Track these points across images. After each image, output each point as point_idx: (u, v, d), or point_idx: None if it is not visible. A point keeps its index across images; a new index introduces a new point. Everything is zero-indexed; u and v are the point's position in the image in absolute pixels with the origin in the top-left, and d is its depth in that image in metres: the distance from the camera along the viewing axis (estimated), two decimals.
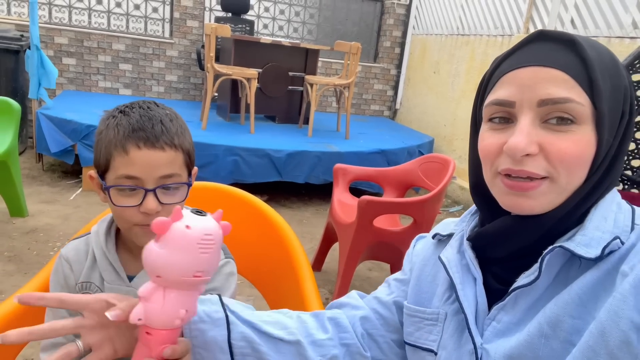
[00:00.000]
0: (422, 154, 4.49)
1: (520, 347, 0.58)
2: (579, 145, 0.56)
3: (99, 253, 0.87)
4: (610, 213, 0.59)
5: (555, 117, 0.56)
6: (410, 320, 0.75)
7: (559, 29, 3.68)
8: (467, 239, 0.69)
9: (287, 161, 3.69)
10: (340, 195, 2.65)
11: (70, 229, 2.94)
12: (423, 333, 0.72)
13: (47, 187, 3.60)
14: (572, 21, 3.60)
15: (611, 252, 0.55)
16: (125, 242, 0.89)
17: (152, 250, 0.57)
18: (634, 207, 0.61)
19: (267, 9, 5.68)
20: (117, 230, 0.91)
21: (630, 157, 2.04)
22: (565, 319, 0.55)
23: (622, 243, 0.56)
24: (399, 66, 6.07)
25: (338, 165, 2.72)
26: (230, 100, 4.47)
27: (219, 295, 0.73)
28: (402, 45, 6.00)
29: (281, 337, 0.73)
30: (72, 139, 3.55)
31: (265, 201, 1.40)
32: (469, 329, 0.63)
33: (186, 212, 0.59)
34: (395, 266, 2.77)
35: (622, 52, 3.16)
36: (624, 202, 0.62)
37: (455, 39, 4.96)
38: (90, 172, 0.84)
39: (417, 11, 5.78)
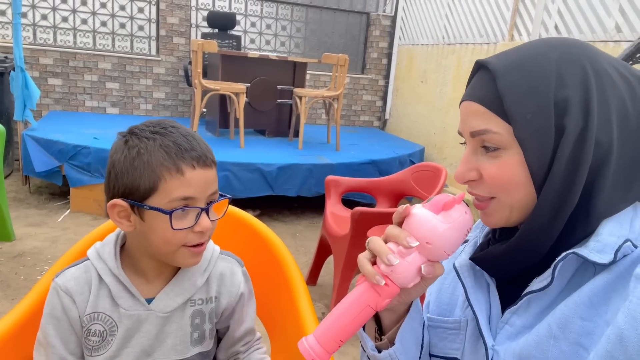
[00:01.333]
0: (413, 163, 4.48)
1: (529, 347, 0.58)
2: (505, 169, 0.60)
3: (110, 279, 0.82)
4: (627, 218, 0.58)
5: (484, 145, 0.62)
6: (434, 332, 0.75)
7: (543, 35, 3.72)
8: (470, 259, 0.70)
9: (279, 175, 3.67)
10: (333, 208, 2.62)
11: (58, 251, 2.88)
12: (447, 343, 0.72)
13: (34, 209, 3.54)
14: (556, 27, 3.64)
15: (624, 255, 0.55)
16: (136, 265, 0.84)
17: (432, 219, 0.60)
18: None
19: (253, 24, 5.69)
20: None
21: None
22: (575, 320, 0.55)
23: (635, 247, 0.55)
24: (386, 76, 6.10)
25: (330, 177, 2.70)
26: (219, 115, 4.45)
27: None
28: (389, 56, 6.04)
29: None
30: (59, 160, 3.50)
31: (258, 216, 1.37)
32: (480, 331, 0.64)
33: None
34: None
35: None
36: None
37: (441, 48, 5.00)
38: (113, 202, 0.77)
39: (403, 22, 5.83)
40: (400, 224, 0.63)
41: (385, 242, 0.62)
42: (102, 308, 0.82)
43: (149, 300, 0.84)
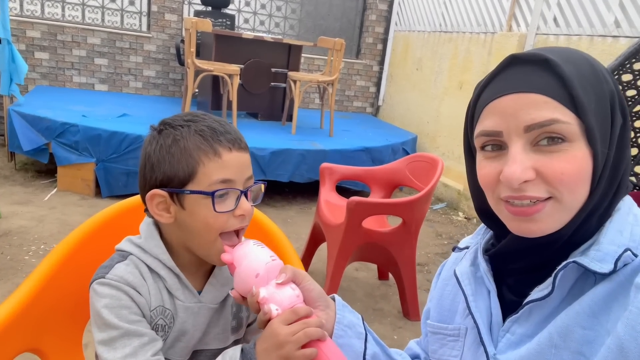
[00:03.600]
0: (406, 152, 4.48)
1: (531, 356, 0.58)
2: (574, 163, 0.56)
3: (165, 272, 0.80)
4: (627, 226, 0.59)
5: (545, 137, 0.56)
6: (434, 337, 0.76)
7: (542, 27, 3.70)
8: (485, 254, 0.69)
9: (271, 159, 3.63)
10: (327, 195, 2.60)
11: (45, 231, 2.82)
12: (446, 349, 0.73)
13: (20, 187, 3.46)
14: (555, 19, 3.62)
15: (625, 264, 0.55)
16: (177, 259, 0.82)
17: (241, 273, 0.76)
18: None
19: (247, 3, 5.57)
20: None
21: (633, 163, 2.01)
22: (575, 329, 0.55)
23: (636, 256, 0.55)
24: (381, 62, 6.05)
25: (324, 164, 2.67)
26: (212, 96, 4.37)
27: (362, 316, 0.80)
28: (385, 42, 5.97)
29: None
30: (46, 137, 3.41)
31: None
32: (481, 339, 0.64)
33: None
34: (383, 267, 2.75)
35: (604, 50, 3.19)
36: None
37: (438, 36, 4.95)
38: (152, 192, 0.75)
39: (400, 7, 5.76)
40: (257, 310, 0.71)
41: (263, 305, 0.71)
42: (163, 302, 0.80)
43: (199, 293, 0.84)
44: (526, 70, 0.58)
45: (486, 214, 0.68)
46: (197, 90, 4.54)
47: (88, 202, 3.33)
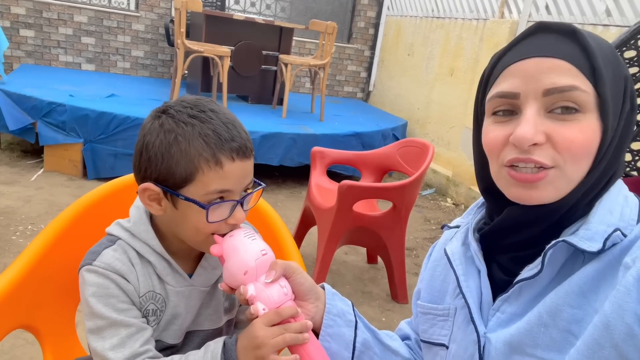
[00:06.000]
0: (396, 137, 4.49)
1: (520, 334, 0.59)
2: (585, 133, 0.56)
3: (155, 258, 0.79)
4: (617, 206, 0.59)
5: (560, 106, 0.56)
6: (424, 318, 0.77)
7: (534, 14, 3.70)
8: (478, 233, 0.70)
9: (262, 143, 3.61)
10: (318, 179, 2.61)
11: (32, 212, 2.79)
12: (436, 329, 0.74)
13: (5, 167, 3.40)
14: (547, 7, 3.63)
15: (614, 244, 0.56)
16: (167, 244, 0.81)
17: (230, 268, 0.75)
18: None
19: None
20: None
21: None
22: (564, 308, 0.56)
23: (625, 235, 0.56)
24: (372, 47, 6.02)
25: (316, 148, 2.67)
26: (201, 78, 4.32)
27: (352, 302, 0.81)
28: (377, 26, 5.94)
29: (396, 349, 0.82)
30: (32, 117, 3.35)
31: None
32: (472, 318, 0.65)
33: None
34: (372, 251, 2.77)
35: None
36: (631, 194, 0.62)
37: (430, 22, 4.93)
38: (145, 185, 0.73)
39: None
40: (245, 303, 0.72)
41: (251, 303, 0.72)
42: (153, 287, 0.79)
43: (190, 276, 0.83)
44: (552, 38, 0.59)
45: (489, 191, 0.68)
46: (186, 71, 4.48)
47: (75, 183, 3.30)
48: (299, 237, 2.70)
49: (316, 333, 0.75)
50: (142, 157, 0.74)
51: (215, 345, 0.73)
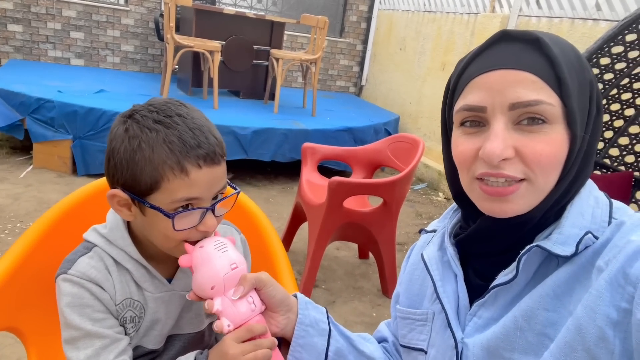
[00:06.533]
0: (389, 132, 4.49)
1: (497, 339, 0.59)
2: (552, 145, 0.56)
3: (131, 265, 0.78)
4: (588, 208, 0.60)
5: (527, 117, 0.56)
6: (403, 322, 0.76)
7: (525, 9, 3.70)
8: (454, 238, 0.69)
9: (253, 139, 3.60)
10: (309, 175, 2.60)
11: (21, 209, 2.77)
12: (415, 334, 0.74)
13: None
14: (537, 2, 3.63)
15: (586, 247, 0.56)
16: (145, 249, 0.80)
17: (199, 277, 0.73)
18: (612, 200, 0.62)
19: None
20: None
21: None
22: (539, 312, 0.56)
23: (596, 238, 0.57)
24: (365, 41, 6.00)
25: (307, 144, 2.66)
26: (192, 73, 4.29)
27: (326, 309, 0.80)
28: (369, 20, 5.92)
29: (371, 355, 0.81)
30: (20, 113, 3.31)
31: (230, 179, 1.33)
32: (449, 324, 0.65)
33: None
34: (363, 246, 2.78)
35: (585, 33, 3.22)
36: (601, 195, 0.62)
37: (422, 16, 4.92)
38: (113, 192, 0.72)
39: None
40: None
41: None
42: (131, 294, 0.78)
43: (169, 281, 0.82)
44: (516, 47, 0.58)
45: (462, 197, 0.67)
46: (177, 66, 4.45)
47: (65, 180, 3.27)
48: (290, 233, 2.70)
49: (288, 344, 0.75)
50: (109, 163, 0.73)
51: None
